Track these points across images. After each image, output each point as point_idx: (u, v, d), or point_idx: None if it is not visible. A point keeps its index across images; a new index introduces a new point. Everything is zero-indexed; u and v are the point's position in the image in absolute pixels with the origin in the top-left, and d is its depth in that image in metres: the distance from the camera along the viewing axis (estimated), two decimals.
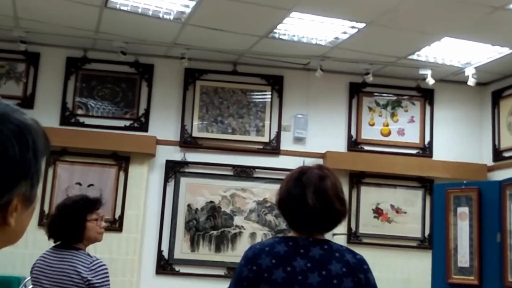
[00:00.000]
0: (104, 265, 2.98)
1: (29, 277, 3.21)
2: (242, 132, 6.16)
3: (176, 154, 6.05)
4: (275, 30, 5.26)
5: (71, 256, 2.96)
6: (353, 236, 6.10)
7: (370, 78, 5.98)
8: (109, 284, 2.96)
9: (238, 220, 6.01)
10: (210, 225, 5.97)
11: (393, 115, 6.35)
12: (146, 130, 6.03)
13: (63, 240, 3.04)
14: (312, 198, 2.06)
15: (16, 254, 5.52)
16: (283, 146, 6.17)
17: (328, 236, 2.21)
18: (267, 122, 6.17)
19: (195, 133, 6.08)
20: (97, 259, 2.99)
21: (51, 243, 3.15)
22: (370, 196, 6.17)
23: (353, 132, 6.28)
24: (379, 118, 6.33)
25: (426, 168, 6.18)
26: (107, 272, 2.96)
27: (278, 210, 2.24)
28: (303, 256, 2.05)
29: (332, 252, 2.08)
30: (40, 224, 5.67)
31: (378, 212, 6.16)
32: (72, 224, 3.01)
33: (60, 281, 2.91)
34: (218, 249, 5.91)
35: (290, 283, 2.00)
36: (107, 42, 5.73)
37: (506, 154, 5.99)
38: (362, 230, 6.09)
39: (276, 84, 6.25)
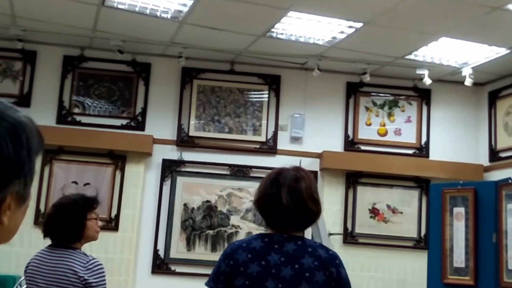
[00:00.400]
0: (100, 264, 2.96)
1: (23, 277, 3.17)
2: (239, 132, 6.15)
3: (172, 153, 6.04)
4: (272, 30, 5.26)
5: (68, 256, 2.94)
6: (349, 236, 6.10)
7: (367, 78, 5.98)
8: (105, 284, 2.94)
9: (234, 219, 6.00)
10: (206, 224, 5.97)
11: (390, 115, 6.35)
12: (143, 129, 6.03)
13: (60, 239, 3.00)
14: (287, 198, 2.18)
15: (11, 253, 5.51)
16: (280, 146, 6.17)
17: (324, 236, 2.39)
18: (264, 122, 6.17)
19: (192, 132, 6.08)
20: (94, 259, 2.98)
21: (47, 242, 3.13)
22: (366, 196, 6.17)
23: (350, 132, 6.28)
24: (376, 118, 6.33)
25: (422, 168, 6.19)
26: (103, 272, 2.94)
27: (255, 209, 2.35)
28: (277, 251, 2.16)
29: (305, 247, 2.18)
30: (36, 223, 5.66)
31: (374, 212, 6.17)
32: (72, 223, 2.99)
33: (56, 281, 2.88)
34: (214, 249, 5.91)
35: (264, 276, 2.12)
36: (104, 40, 5.72)
37: (503, 155, 6.00)
38: (358, 230, 6.09)
39: (273, 83, 6.25)
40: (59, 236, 3.00)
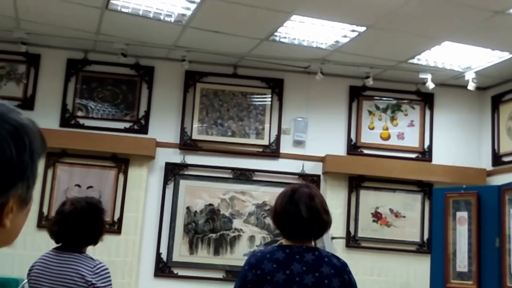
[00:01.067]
0: (107, 268, 2.96)
1: (26, 280, 3.14)
2: (242, 135, 6.16)
3: (175, 156, 6.05)
4: (275, 33, 5.27)
5: (75, 259, 2.91)
6: (352, 240, 6.09)
7: (370, 82, 5.98)
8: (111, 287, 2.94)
9: (237, 223, 6.00)
10: (209, 228, 5.97)
11: (392, 119, 6.35)
12: (146, 132, 6.04)
13: (73, 243, 2.95)
14: (306, 212, 2.50)
15: (14, 255, 5.51)
16: (283, 149, 6.17)
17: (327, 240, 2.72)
18: (267, 125, 6.17)
19: (195, 136, 6.08)
20: (101, 263, 2.96)
21: (50, 245, 3.12)
22: (369, 200, 6.16)
23: (353, 136, 6.28)
24: (378, 122, 6.33)
25: (425, 172, 6.18)
26: (110, 276, 2.94)
27: (273, 223, 2.68)
28: (299, 261, 2.46)
29: (322, 257, 2.50)
30: (39, 225, 5.66)
31: (377, 216, 6.16)
32: (96, 227, 2.97)
33: (63, 284, 2.86)
34: (217, 252, 5.91)
35: (289, 284, 2.40)
36: (107, 44, 5.74)
37: (506, 159, 5.99)
38: (361, 234, 6.08)
39: (276, 87, 6.25)
40: (73, 239, 2.95)
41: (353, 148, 6.26)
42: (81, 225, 2.93)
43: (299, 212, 2.50)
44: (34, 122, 0.96)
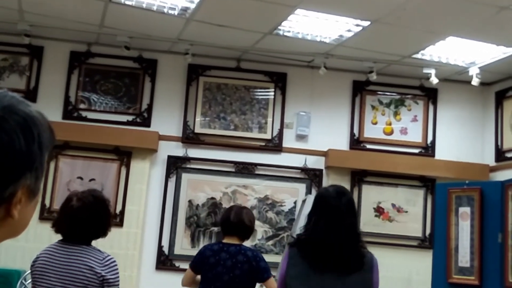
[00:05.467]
0: (115, 261, 2.95)
1: (29, 271, 3.13)
2: (245, 129, 6.15)
3: (178, 149, 6.05)
4: (279, 27, 5.25)
5: (83, 252, 2.90)
6: None
7: (373, 77, 5.97)
8: (119, 280, 2.94)
9: None
10: (211, 221, 5.97)
11: (396, 114, 6.34)
12: (149, 126, 6.03)
13: (82, 237, 2.94)
14: (234, 218, 3.85)
15: (17, 247, 5.52)
16: (285, 144, 6.17)
17: None
18: (269, 119, 6.17)
19: (198, 129, 6.08)
20: (109, 255, 2.95)
21: (53, 237, 3.10)
22: (371, 194, 6.16)
23: (356, 131, 6.27)
24: (382, 116, 6.32)
25: (428, 168, 6.17)
26: (118, 268, 2.93)
27: (219, 226, 4.24)
28: (226, 252, 3.77)
29: (240, 250, 3.78)
30: (42, 218, 5.67)
31: (379, 211, 6.16)
32: (105, 220, 2.98)
33: (71, 276, 2.85)
34: None
35: (217, 264, 3.74)
36: (111, 36, 5.73)
37: (509, 155, 5.98)
38: (363, 228, 6.01)
39: (279, 81, 6.24)
40: (85, 234, 2.94)
41: (356, 142, 6.25)
42: (91, 220, 2.92)
43: (229, 218, 3.86)
44: (43, 114, 0.96)
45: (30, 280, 5.17)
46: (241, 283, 3.73)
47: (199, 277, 3.85)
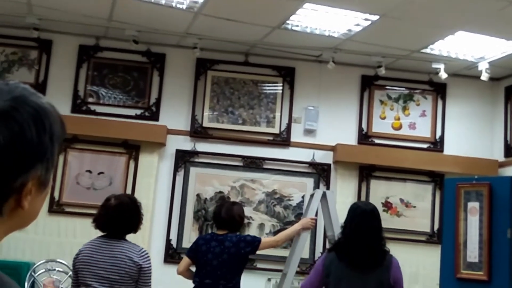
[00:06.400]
0: (148, 253, 3.52)
1: (38, 263, 3.17)
2: (253, 123, 6.15)
3: (186, 144, 6.06)
4: (287, 21, 5.24)
5: (123, 245, 3.42)
6: None
7: (382, 71, 5.95)
8: (151, 268, 3.46)
9: (247, 211, 5.97)
10: None
11: (404, 108, 6.32)
12: (157, 119, 6.04)
13: (117, 231, 3.44)
14: (224, 214, 4.30)
15: (26, 240, 5.56)
16: (293, 138, 6.16)
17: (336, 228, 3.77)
18: (277, 114, 6.16)
19: (206, 123, 6.08)
20: (143, 248, 3.52)
21: (62, 231, 3.29)
22: (379, 189, 6.15)
23: (364, 125, 6.26)
24: (390, 111, 6.30)
25: (436, 163, 6.16)
26: (150, 258, 3.48)
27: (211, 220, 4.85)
28: (215, 240, 4.24)
29: (227, 238, 4.23)
30: (50, 211, 5.70)
31: (387, 206, 6.15)
32: (136, 217, 3.52)
33: (114, 266, 3.34)
34: None
35: (207, 251, 4.19)
36: (119, 30, 5.73)
37: None
38: None
39: (287, 75, 6.23)
40: (120, 228, 3.45)
41: (364, 137, 6.24)
42: (125, 217, 3.45)
43: (220, 213, 4.34)
44: (54, 106, 0.96)
45: (40, 272, 5.23)
46: (229, 267, 4.17)
47: (193, 268, 4.30)
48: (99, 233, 3.47)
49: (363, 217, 3.60)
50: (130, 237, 5.70)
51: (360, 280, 3.47)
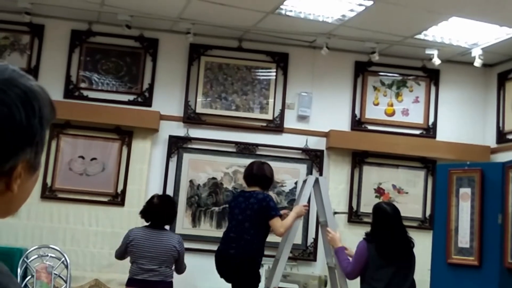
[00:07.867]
0: (182, 240, 4.71)
1: (30, 249, 4.48)
2: (246, 109, 6.15)
3: (179, 129, 6.05)
4: (281, 6, 5.22)
5: (166, 234, 4.65)
6: (354, 215, 6.12)
7: (376, 57, 5.94)
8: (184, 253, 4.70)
9: None
10: (212, 201, 5.99)
11: (398, 95, 6.32)
12: (150, 105, 6.02)
13: (159, 222, 4.61)
14: (256, 171, 4.75)
15: (18, 226, 5.56)
16: (287, 124, 6.16)
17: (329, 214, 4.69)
18: (271, 100, 6.16)
19: (199, 109, 6.07)
20: (179, 236, 4.76)
21: (54, 216, 3.33)
22: (372, 175, 6.17)
23: (357, 111, 6.26)
24: (383, 97, 6.31)
25: (429, 149, 6.18)
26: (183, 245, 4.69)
27: (243, 179, 4.95)
28: (242, 196, 4.70)
29: (252, 194, 4.63)
30: (43, 196, 5.69)
31: (379, 192, 6.17)
32: (173, 212, 4.75)
33: (161, 249, 4.51)
34: (219, 225, 5.93)
35: (236, 206, 4.68)
36: (112, 15, 5.70)
37: (510, 136, 5.98)
38: (363, 209, 6.10)
39: (281, 61, 6.22)
40: (160, 220, 4.62)
41: (357, 123, 6.25)
42: (165, 212, 4.62)
43: (252, 170, 4.76)
44: (44, 89, 0.95)
45: (33, 258, 5.30)
46: (251, 222, 4.55)
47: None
48: (93, 220, 3.75)
49: (394, 218, 4.47)
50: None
51: (396, 268, 4.35)
